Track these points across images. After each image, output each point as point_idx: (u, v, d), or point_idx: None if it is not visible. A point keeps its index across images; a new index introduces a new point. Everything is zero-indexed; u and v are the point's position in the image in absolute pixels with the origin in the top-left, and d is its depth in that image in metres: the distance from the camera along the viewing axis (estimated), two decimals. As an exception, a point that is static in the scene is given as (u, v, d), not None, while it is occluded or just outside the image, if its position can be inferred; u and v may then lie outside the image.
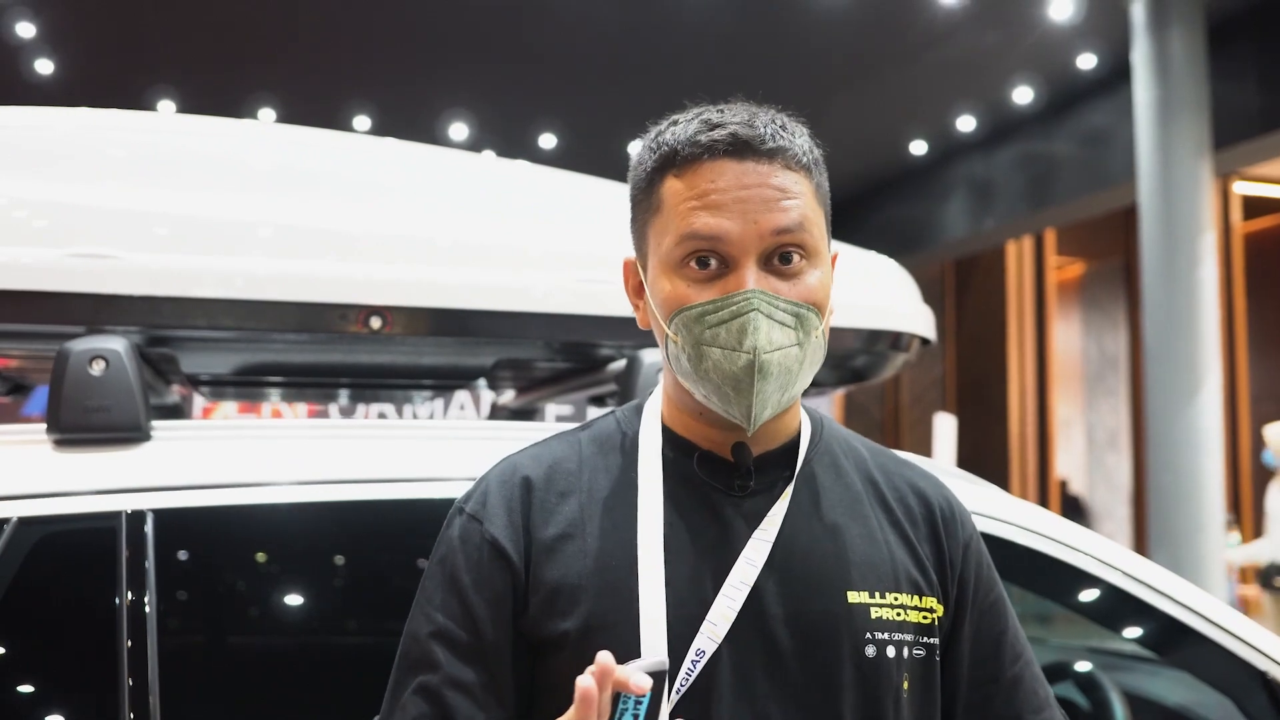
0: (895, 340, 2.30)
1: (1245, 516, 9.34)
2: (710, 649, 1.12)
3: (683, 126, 1.17)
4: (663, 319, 1.15)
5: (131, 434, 1.67)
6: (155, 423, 1.71)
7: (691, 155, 1.14)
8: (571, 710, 0.98)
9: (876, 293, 2.32)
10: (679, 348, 1.14)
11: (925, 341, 2.41)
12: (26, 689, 1.56)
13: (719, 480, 1.20)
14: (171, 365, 1.99)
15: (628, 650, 1.08)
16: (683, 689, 1.11)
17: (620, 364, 2.00)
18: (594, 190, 2.21)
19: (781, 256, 1.14)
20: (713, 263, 1.13)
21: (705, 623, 1.13)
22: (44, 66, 8.73)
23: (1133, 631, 2.17)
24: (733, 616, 1.13)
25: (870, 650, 1.17)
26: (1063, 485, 12.35)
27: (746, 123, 1.15)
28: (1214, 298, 7.05)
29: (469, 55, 8.66)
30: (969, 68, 9.17)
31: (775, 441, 1.23)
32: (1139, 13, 7.44)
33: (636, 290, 1.23)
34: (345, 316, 1.81)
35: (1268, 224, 10.45)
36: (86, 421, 1.65)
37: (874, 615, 1.19)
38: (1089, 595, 2.04)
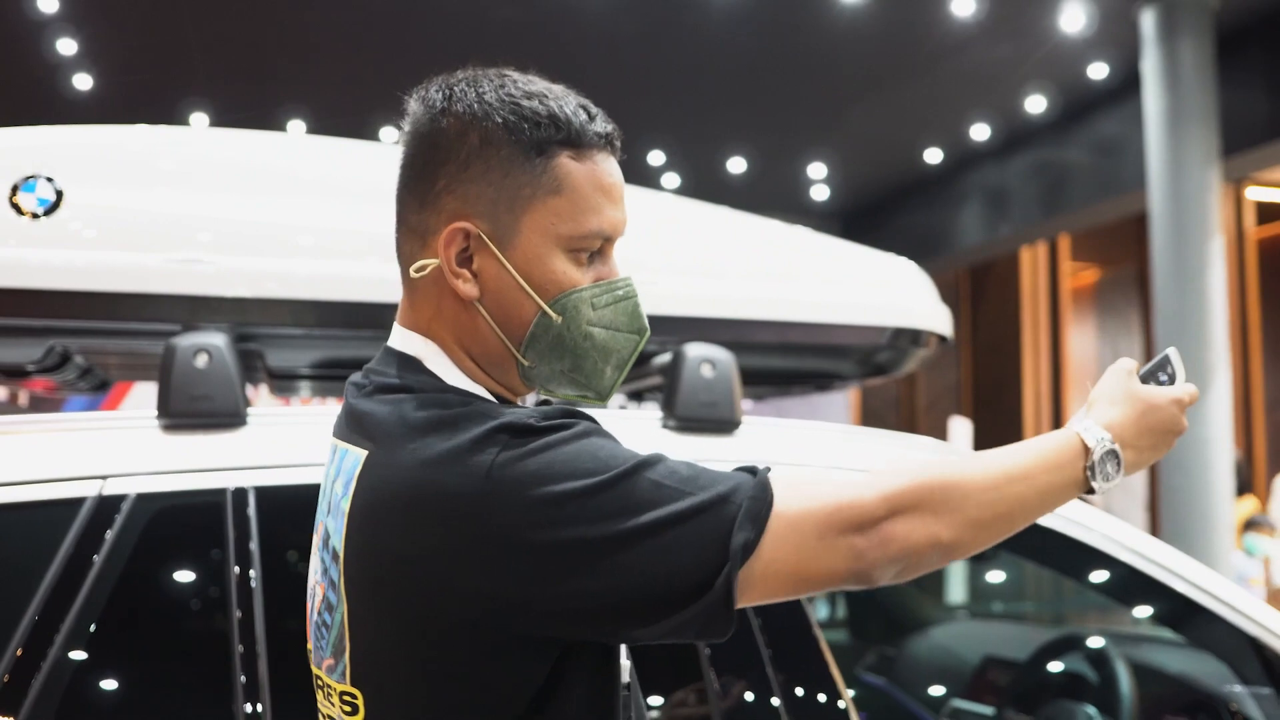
0: (915, 337, 2.48)
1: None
2: None
3: (559, 104, 1.19)
4: (542, 297, 1.18)
5: (232, 419, 1.86)
6: (250, 410, 1.91)
7: (592, 144, 1.20)
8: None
9: (898, 293, 2.50)
10: (559, 326, 1.19)
11: (943, 339, 2.60)
12: (143, 654, 1.75)
13: None
14: (258, 361, 2.19)
15: None
16: None
17: (665, 358, 2.19)
18: (634, 197, 2.39)
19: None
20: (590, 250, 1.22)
21: None
22: (83, 82, 8.99)
23: (1147, 609, 2.34)
24: None
25: None
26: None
27: (605, 115, 1.23)
28: (1223, 301, 7.19)
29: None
30: (983, 78, 9.34)
31: None
32: (1149, 23, 7.59)
33: (466, 260, 1.19)
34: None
35: (1281, 229, 10.56)
36: (193, 408, 1.85)
37: None
38: (1107, 576, 2.22)
